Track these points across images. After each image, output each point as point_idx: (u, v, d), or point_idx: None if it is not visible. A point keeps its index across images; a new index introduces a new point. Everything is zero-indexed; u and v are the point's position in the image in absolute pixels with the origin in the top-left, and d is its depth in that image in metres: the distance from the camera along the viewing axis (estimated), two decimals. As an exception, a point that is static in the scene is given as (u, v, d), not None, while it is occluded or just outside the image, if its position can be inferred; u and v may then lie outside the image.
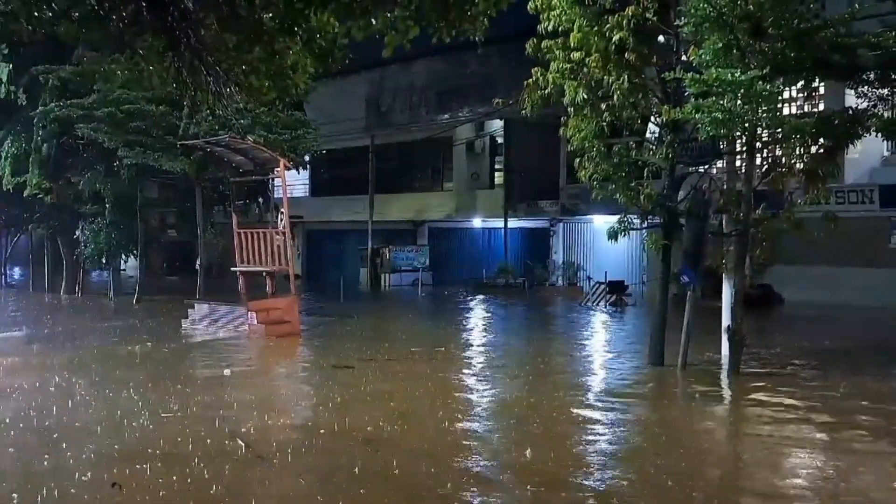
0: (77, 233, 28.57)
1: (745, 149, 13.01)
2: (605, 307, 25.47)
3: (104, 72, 21.80)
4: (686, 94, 12.33)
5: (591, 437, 9.42)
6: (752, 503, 7.20)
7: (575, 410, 10.72)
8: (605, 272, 27.53)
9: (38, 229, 32.19)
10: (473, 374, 13.58)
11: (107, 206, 27.15)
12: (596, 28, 13.03)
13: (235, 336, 18.24)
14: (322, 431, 9.26)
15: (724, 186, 13.59)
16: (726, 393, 12.24)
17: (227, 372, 13.53)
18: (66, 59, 26.19)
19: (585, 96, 13.40)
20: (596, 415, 10.49)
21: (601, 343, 18.24)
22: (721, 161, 14.34)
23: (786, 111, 14.27)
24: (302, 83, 10.56)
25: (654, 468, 8.07)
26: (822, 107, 16.26)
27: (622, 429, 9.91)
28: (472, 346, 17.26)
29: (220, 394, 11.66)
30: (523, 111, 14.32)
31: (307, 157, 29.93)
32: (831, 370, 13.45)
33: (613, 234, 14.11)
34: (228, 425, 9.48)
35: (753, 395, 11.69)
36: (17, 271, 42.79)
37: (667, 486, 7.41)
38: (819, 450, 8.86)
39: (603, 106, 13.49)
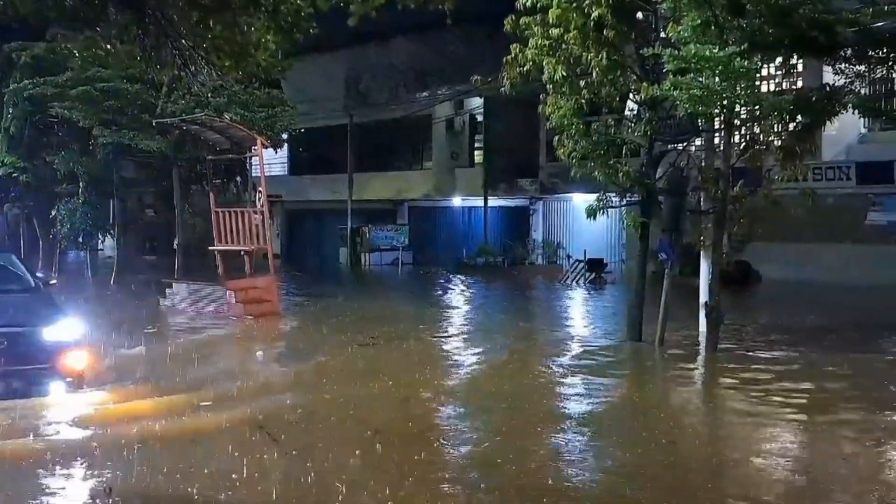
0: (53, 212, 28.27)
1: (723, 126, 13.01)
2: (584, 285, 25.57)
3: (69, 50, 21.48)
4: (665, 71, 12.31)
5: (563, 406, 9.64)
6: (715, 471, 7.40)
7: (550, 382, 10.77)
8: (585, 250, 27.59)
9: (14, 209, 31.84)
10: (450, 354, 13.58)
11: (81, 185, 26.86)
12: (575, 4, 12.94)
13: (214, 316, 18.14)
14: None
15: (703, 164, 13.61)
16: (701, 368, 12.34)
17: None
18: (39, 37, 25.80)
19: (564, 73, 13.34)
20: (569, 389, 10.59)
21: (579, 320, 18.31)
22: (699, 138, 14.35)
23: (764, 88, 14.26)
24: (263, 61, 10.47)
25: (621, 435, 8.38)
26: (800, 84, 16.27)
27: (594, 399, 10.04)
28: (450, 326, 17.28)
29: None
30: (502, 88, 14.27)
31: (284, 136, 29.72)
32: (806, 347, 13.54)
33: (592, 212, 14.12)
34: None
35: (728, 371, 11.80)
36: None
37: (632, 452, 7.66)
38: (785, 423, 8.97)
39: (582, 83, 13.44)
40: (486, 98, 32.83)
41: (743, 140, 13.28)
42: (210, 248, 20.94)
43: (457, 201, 36.48)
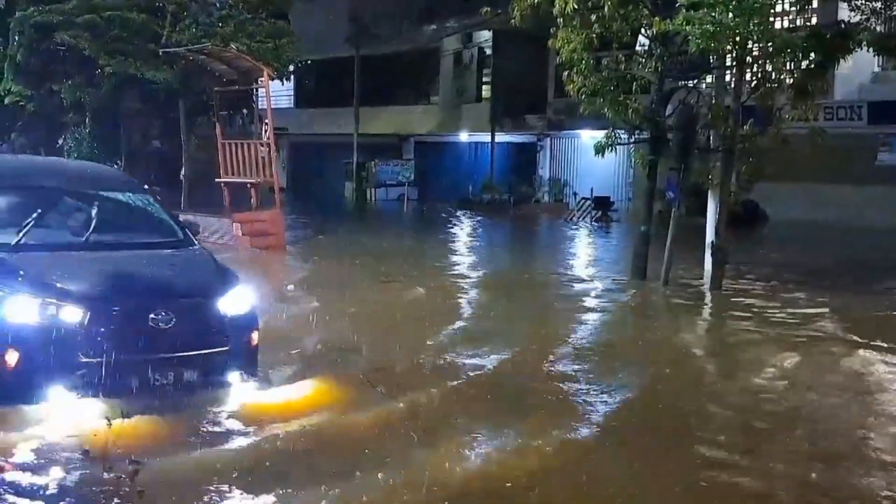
0: (60, 142, 28.20)
1: (734, 63, 12.87)
2: (590, 223, 25.55)
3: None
4: (677, 5, 12.13)
5: (568, 338, 9.78)
6: (716, 392, 7.85)
7: (555, 319, 10.86)
8: (591, 188, 27.51)
9: (21, 139, 31.74)
10: (454, 293, 13.63)
11: (88, 116, 26.73)
12: (587, -65, 12.71)
13: (221, 247, 18.17)
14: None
15: (713, 101, 13.47)
16: (704, 306, 12.43)
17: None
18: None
19: (575, 6, 13.11)
20: (573, 323, 10.68)
21: (584, 259, 18.35)
22: (710, 75, 14.20)
23: (777, 25, 14.06)
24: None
25: (621, 360, 8.75)
26: (814, 21, 16.03)
27: (598, 334, 10.21)
28: (454, 265, 17.28)
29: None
30: (512, 21, 14.08)
31: (291, 68, 29.41)
32: (811, 286, 13.58)
33: (600, 149, 14.04)
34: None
35: (731, 308, 11.89)
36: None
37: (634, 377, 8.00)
38: (783, 354, 9.15)
39: (593, 17, 13.21)
40: (494, 31, 32.37)
41: (754, 78, 13.14)
42: (216, 179, 20.91)
43: (463, 137, 36.24)
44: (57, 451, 5.48)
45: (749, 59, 12.76)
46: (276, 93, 30.25)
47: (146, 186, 9.54)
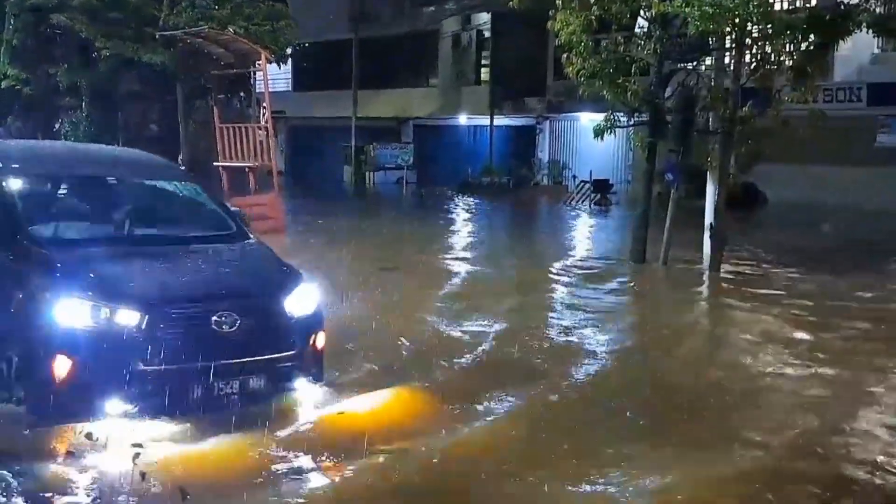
0: (57, 126, 28.14)
1: (734, 45, 12.81)
2: (590, 206, 25.51)
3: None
4: (677, -14, 12.04)
5: (565, 321, 9.85)
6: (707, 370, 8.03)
7: (554, 300, 10.88)
8: (591, 171, 27.46)
9: (17, 122, 31.66)
10: (451, 278, 13.63)
11: (84, 99, 26.65)
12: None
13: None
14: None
15: (712, 83, 13.42)
16: (703, 287, 12.43)
17: None
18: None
19: (574, -12, 13.08)
20: (574, 302, 10.71)
21: (583, 241, 18.33)
22: (709, 57, 14.13)
23: (777, 6, 13.98)
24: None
25: (621, 344, 8.80)
26: (813, 2, 15.93)
27: (594, 312, 10.31)
28: (456, 248, 17.27)
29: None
30: (511, 3, 14.02)
31: (289, 51, 29.32)
32: (809, 269, 13.57)
33: (600, 132, 14.02)
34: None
35: (729, 290, 11.92)
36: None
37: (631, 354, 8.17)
38: (779, 339, 9.16)
39: (592, -1, 13.18)
40: (493, 14, 32.22)
41: (754, 59, 13.08)
42: (214, 164, 20.86)
43: (462, 120, 36.12)
44: (117, 485, 4.81)
45: (748, 40, 12.71)
46: (274, 76, 30.16)
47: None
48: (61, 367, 5.43)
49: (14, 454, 5.14)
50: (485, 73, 35.14)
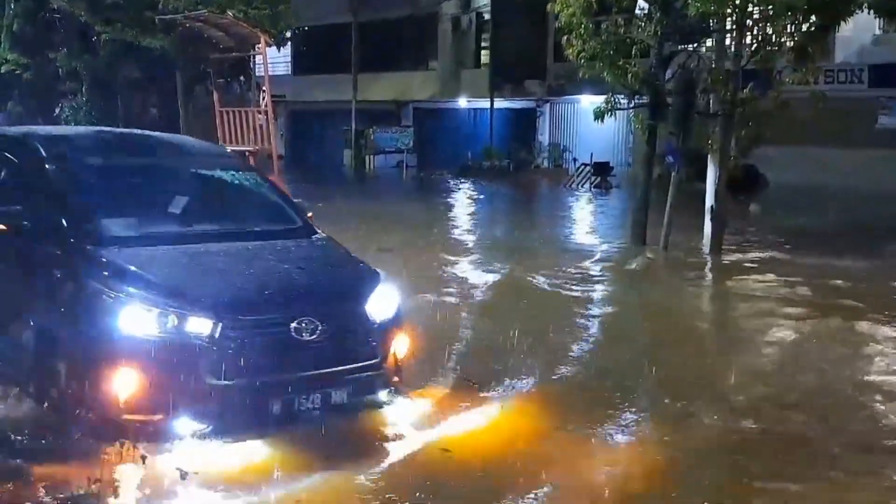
0: (57, 111, 28.11)
1: (734, 26, 12.76)
2: (590, 189, 25.50)
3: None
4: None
5: (566, 303, 9.82)
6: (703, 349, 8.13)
7: (554, 283, 10.90)
8: (591, 154, 27.42)
9: (17, 108, 31.64)
10: (457, 259, 13.64)
11: (84, 84, 26.61)
12: None
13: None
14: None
15: (712, 65, 13.38)
16: (704, 270, 12.44)
17: None
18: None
19: (574, -31, 13.03)
20: (575, 289, 10.72)
21: (584, 225, 18.33)
22: (710, 39, 14.09)
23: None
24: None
25: (621, 323, 8.91)
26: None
27: (594, 296, 10.32)
28: (457, 233, 17.25)
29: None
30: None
31: (288, 34, 29.22)
32: (809, 252, 13.55)
33: (600, 114, 14.01)
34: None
35: (730, 273, 11.93)
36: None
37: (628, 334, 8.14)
38: (778, 318, 9.21)
39: (592, -20, 13.13)
40: (493, -5, 32.13)
41: (754, 41, 13.03)
42: (214, 148, 20.80)
43: (462, 103, 36.02)
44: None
45: (749, 21, 12.67)
46: (274, 60, 30.11)
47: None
48: (124, 381, 4.84)
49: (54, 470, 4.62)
50: (485, 56, 35.04)
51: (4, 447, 4.94)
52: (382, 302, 5.66)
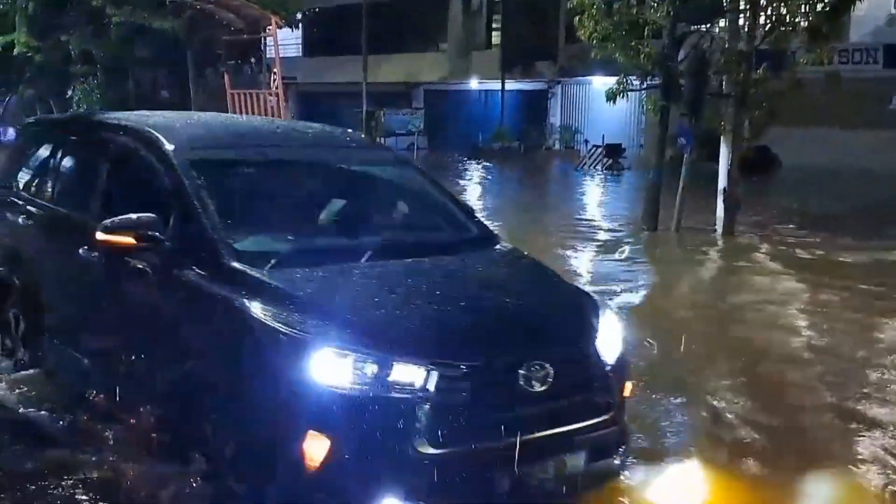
0: (69, 93, 28.18)
1: (748, 6, 12.69)
2: (602, 171, 25.44)
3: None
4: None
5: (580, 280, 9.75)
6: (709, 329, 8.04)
7: (567, 265, 10.92)
8: (603, 135, 27.34)
9: (29, 90, 31.73)
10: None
11: (97, 66, 26.66)
12: None
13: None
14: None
15: (726, 46, 13.30)
16: (715, 252, 12.41)
17: None
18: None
19: (586, -51, 12.96)
20: (586, 268, 10.71)
21: (596, 206, 18.29)
22: (723, 19, 14.00)
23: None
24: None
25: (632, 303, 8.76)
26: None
27: (609, 276, 10.33)
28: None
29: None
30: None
31: (299, 16, 29.18)
32: (822, 234, 13.49)
33: (612, 96, 13.97)
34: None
35: (742, 254, 11.87)
36: (10, 131, 42.34)
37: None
38: (778, 296, 9.27)
39: (604, -40, 13.07)
40: (505, -24, 31.99)
41: (768, 21, 12.96)
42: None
43: (473, 85, 35.95)
44: None
45: (763, 1, 12.59)
46: (285, 41, 30.07)
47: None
48: (315, 449, 3.62)
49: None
50: (495, 37, 34.92)
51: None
52: (610, 336, 4.35)
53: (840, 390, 6.12)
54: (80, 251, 4.81)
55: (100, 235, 4.32)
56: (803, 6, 12.47)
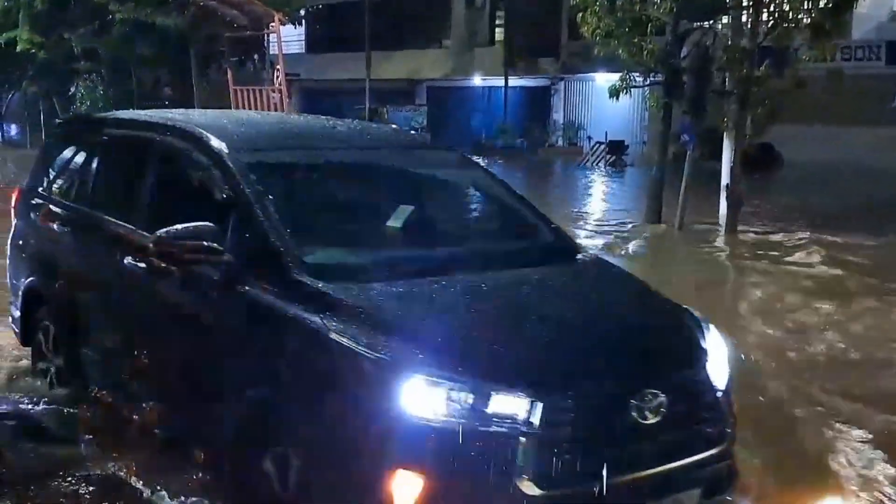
0: (73, 90, 28.23)
1: (751, 3, 12.69)
2: (604, 167, 25.45)
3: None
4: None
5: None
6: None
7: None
8: (606, 132, 27.35)
9: (32, 87, 31.79)
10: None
11: (101, 63, 26.70)
12: None
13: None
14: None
15: (728, 43, 13.32)
16: (719, 248, 12.42)
17: None
18: None
19: (590, -54, 12.98)
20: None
21: (598, 203, 18.31)
22: (726, 16, 14.02)
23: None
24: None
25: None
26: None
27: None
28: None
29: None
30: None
31: (302, 12, 29.19)
32: (825, 230, 13.51)
33: (615, 92, 13.97)
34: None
35: (745, 251, 11.88)
36: (13, 129, 42.41)
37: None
38: (778, 294, 9.27)
39: (607, -43, 13.08)
40: (508, -27, 31.98)
41: (771, 18, 12.96)
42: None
43: (476, 81, 35.93)
44: None
45: (766, -2, 12.60)
46: (288, 38, 30.07)
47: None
48: (405, 489, 3.16)
49: None
50: (498, 34, 34.90)
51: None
52: (718, 358, 3.88)
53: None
54: (126, 261, 4.47)
55: (154, 246, 3.93)
56: (806, 3, 12.47)
